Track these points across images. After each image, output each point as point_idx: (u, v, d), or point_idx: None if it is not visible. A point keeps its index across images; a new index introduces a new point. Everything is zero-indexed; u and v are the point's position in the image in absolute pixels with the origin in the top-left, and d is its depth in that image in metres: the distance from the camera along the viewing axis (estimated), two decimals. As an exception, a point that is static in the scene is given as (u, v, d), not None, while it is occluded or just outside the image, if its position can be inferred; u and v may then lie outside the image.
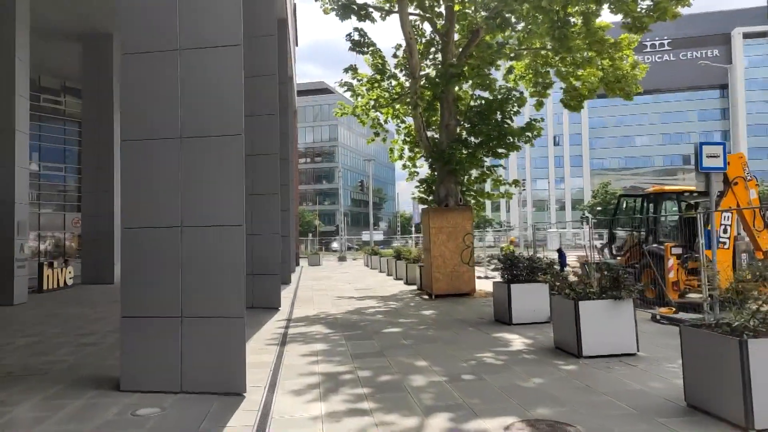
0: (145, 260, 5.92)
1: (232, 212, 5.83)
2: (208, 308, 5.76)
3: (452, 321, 10.26)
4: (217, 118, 5.91)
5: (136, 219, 5.95)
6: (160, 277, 5.86)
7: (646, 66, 15.52)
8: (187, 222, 5.86)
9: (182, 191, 5.88)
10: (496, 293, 10.01)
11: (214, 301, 5.76)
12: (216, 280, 5.78)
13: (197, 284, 5.80)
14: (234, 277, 5.74)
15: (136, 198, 5.99)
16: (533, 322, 9.40)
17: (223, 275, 5.76)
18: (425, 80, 14.22)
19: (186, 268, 5.82)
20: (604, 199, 64.29)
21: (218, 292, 5.76)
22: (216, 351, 5.72)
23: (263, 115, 13.09)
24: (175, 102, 5.94)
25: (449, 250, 14.11)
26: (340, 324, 10.29)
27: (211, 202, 5.87)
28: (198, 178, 5.89)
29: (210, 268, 5.80)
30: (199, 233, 5.85)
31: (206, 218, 5.86)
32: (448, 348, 7.73)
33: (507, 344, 7.89)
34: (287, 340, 8.81)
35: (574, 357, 6.85)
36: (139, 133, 6.00)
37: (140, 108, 6.05)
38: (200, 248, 5.84)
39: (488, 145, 13.93)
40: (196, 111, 5.94)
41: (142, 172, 6.00)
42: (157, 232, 5.91)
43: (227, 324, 5.71)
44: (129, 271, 5.96)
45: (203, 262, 5.82)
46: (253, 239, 12.98)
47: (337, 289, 17.72)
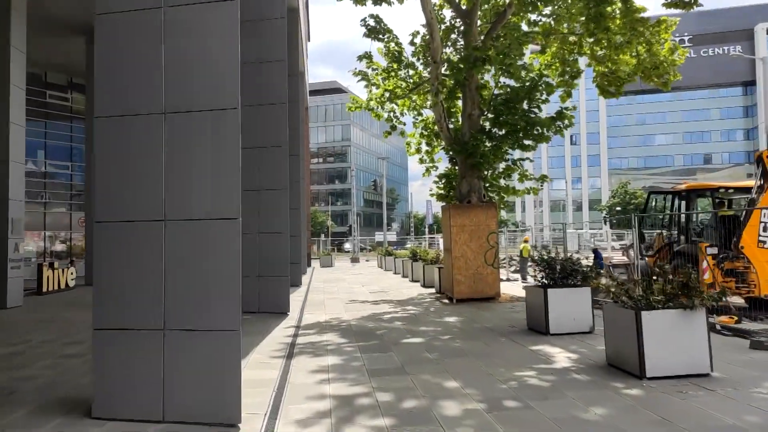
0: (120, 261, 4.91)
1: (227, 203, 4.80)
2: (197, 320, 4.74)
3: (480, 330, 9.16)
4: (208, 89, 4.89)
5: (110, 211, 4.95)
6: (139, 282, 4.85)
7: (685, 51, 14.26)
8: (171, 215, 4.85)
9: (166, 178, 4.87)
10: (530, 299, 8.89)
11: (204, 312, 4.73)
12: (207, 286, 4.76)
13: (184, 290, 4.78)
14: (228, 283, 4.72)
15: (111, 186, 4.99)
16: (573, 332, 8.28)
17: (215, 280, 4.74)
18: (447, 66, 13.12)
19: (170, 271, 4.80)
20: (624, 199, 62.56)
21: (209, 300, 4.74)
22: (206, 372, 4.69)
23: (271, 105, 12.13)
24: (157, 70, 4.93)
25: (472, 251, 13.00)
26: (355, 332, 9.25)
27: (200, 190, 4.85)
28: (185, 161, 4.88)
29: (199, 271, 4.78)
30: (186, 228, 4.83)
31: (195, 210, 4.84)
32: (481, 363, 6.64)
33: (549, 359, 6.77)
34: (295, 351, 7.79)
35: (635, 378, 5.72)
36: (115, 107, 5.00)
37: (116, 78, 5.04)
38: (188, 247, 4.82)
39: (515, 136, 12.79)
40: (183, 80, 4.93)
41: (118, 155, 5.00)
42: (136, 226, 4.90)
43: (220, 339, 4.68)
44: (102, 274, 4.96)
45: (191, 263, 4.80)
46: (261, 238, 12.02)
47: (351, 292, 16.68)
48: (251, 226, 12.06)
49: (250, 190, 12.12)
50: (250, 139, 12.17)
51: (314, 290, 17.43)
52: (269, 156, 12.10)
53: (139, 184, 4.92)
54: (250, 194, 12.11)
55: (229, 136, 4.81)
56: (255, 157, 12.11)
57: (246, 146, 12.44)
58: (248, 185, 12.14)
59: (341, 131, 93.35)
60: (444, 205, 14.05)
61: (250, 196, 12.12)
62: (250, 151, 12.16)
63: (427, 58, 15.46)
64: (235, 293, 4.70)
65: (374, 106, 16.67)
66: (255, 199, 12.10)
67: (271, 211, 12.05)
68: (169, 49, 4.94)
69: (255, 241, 12.06)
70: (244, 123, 12.18)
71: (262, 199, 12.10)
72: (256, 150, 12.11)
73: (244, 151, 12.28)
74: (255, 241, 12.07)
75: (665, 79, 14.71)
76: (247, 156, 12.19)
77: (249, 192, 12.12)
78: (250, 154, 12.15)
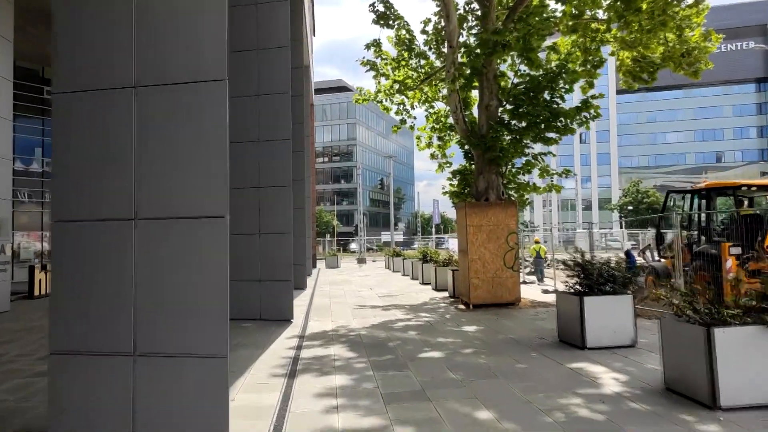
0: (82, 268, 4.00)
1: (211, 197, 3.87)
2: (175, 343, 3.82)
3: (505, 342, 8.18)
4: (188, 57, 3.96)
5: (70, 208, 4.04)
6: (104, 295, 3.93)
7: (719, 37, 13.21)
8: (143, 212, 3.93)
9: (137, 167, 3.95)
10: (563, 307, 7.91)
11: (183, 333, 3.81)
12: (187, 301, 3.83)
13: (158, 307, 3.86)
14: (214, 297, 3.79)
15: (70, 177, 4.07)
16: (613, 347, 7.29)
17: (197, 293, 3.81)
18: (463, 51, 12.13)
19: (142, 283, 3.88)
20: (635, 198, 61.25)
21: (190, 318, 3.81)
22: (185, 407, 3.77)
23: (272, 95, 11.21)
24: (126, 31, 4.01)
25: (490, 252, 12.03)
26: (365, 344, 8.31)
27: (179, 182, 3.93)
28: (160, 146, 3.96)
29: (178, 283, 3.86)
30: (160, 229, 3.91)
31: (172, 207, 3.92)
32: (514, 386, 5.68)
33: (594, 382, 5.80)
34: (298, 368, 6.85)
35: (706, 408, 4.75)
36: (76, 81, 4.08)
37: (76, 43, 4.12)
38: (163, 252, 3.90)
39: (536, 128, 11.80)
40: (158, 46, 4.00)
41: (80, 139, 4.08)
42: (100, 227, 3.99)
43: (203, 367, 3.76)
44: (59, 286, 4.05)
45: (167, 272, 3.88)
46: (262, 239, 11.12)
47: (358, 295, 15.74)
48: (252, 226, 11.18)
49: (250, 187, 11.23)
50: (250, 132, 11.30)
51: (320, 294, 16.51)
52: (271, 150, 11.19)
53: (103, 175, 4.00)
54: (250, 191, 11.23)
55: (214, 113, 3.88)
56: (255, 151, 11.21)
57: (246, 140, 11.60)
58: (248, 182, 11.26)
59: (347, 130, 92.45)
60: (459, 204, 13.08)
61: (250, 193, 11.23)
62: (249, 144, 11.28)
63: (440, 47, 14.51)
64: (222, 310, 3.77)
65: (383, 98, 15.73)
66: (255, 197, 11.20)
67: (273, 210, 11.15)
68: (140, 6, 4.01)
69: (256, 242, 11.16)
70: (243, 115, 11.30)
71: (263, 197, 11.20)
72: (257, 144, 11.21)
73: (243, 144, 11.41)
74: (256, 243, 11.17)
75: (696, 67, 13.67)
76: (246, 150, 11.30)
77: (249, 189, 11.24)
78: (249, 148, 11.26)
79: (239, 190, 11.42)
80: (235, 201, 11.54)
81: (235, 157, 11.57)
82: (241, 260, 11.23)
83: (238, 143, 11.45)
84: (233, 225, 11.46)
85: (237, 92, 11.47)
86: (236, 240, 11.34)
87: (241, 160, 11.40)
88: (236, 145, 11.48)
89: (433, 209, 79.59)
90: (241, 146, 11.39)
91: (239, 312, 11.11)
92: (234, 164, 11.66)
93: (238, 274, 11.30)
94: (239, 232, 11.31)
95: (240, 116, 11.48)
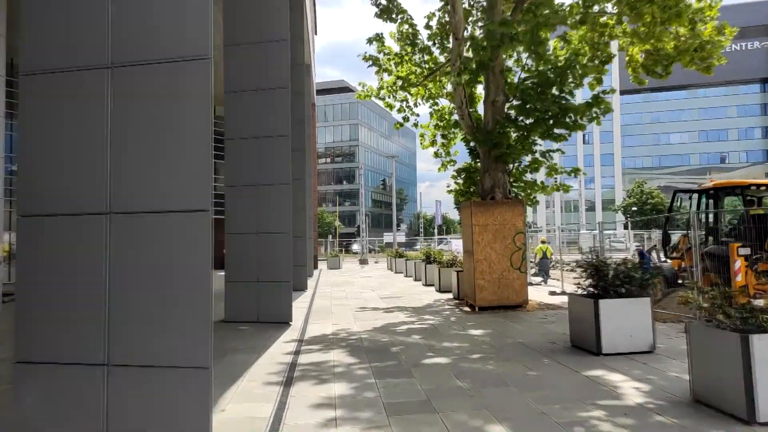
0: (50, 268, 3.59)
1: (193, 189, 3.47)
2: (152, 353, 3.41)
3: (514, 347, 7.75)
4: (168, 33, 3.55)
5: (37, 201, 3.63)
6: (73, 298, 3.52)
7: (734, 30, 12.76)
8: (117, 206, 3.53)
9: (111, 155, 3.54)
10: (576, 310, 7.49)
11: (161, 341, 3.40)
12: (166, 306, 3.42)
13: (134, 311, 3.45)
14: (196, 300, 3.38)
15: (38, 167, 3.66)
16: (630, 352, 6.86)
17: (177, 296, 3.40)
18: (469, 45, 11.70)
19: (116, 283, 3.47)
20: (640, 199, 60.69)
21: (169, 324, 3.40)
22: (162, 423, 3.36)
23: (271, 90, 10.81)
24: (100, 6, 3.60)
25: (496, 253, 11.60)
26: (366, 348, 7.89)
27: (157, 172, 3.52)
28: (137, 132, 3.55)
29: (155, 284, 3.45)
30: (137, 225, 3.51)
31: (149, 200, 3.52)
32: (527, 396, 5.25)
33: (615, 392, 5.36)
34: (295, 375, 6.44)
35: (741, 423, 4.32)
36: (44, 61, 3.68)
37: (47, 21, 3.72)
38: (139, 249, 3.49)
39: (544, 124, 11.36)
40: (135, 21, 3.60)
41: (48, 125, 3.67)
42: (69, 222, 3.58)
43: (183, 379, 3.35)
44: (25, 288, 3.64)
45: (144, 272, 3.47)
46: (260, 239, 10.71)
47: (360, 297, 15.32)
48: (249, 225, 10.78)
49: (248, 185, 10.84)
50: (247, 128, 10.90)
51: (320, 295, 16.10)
52: (269, 147, 10.78)
53: (74, 165, 3.59)
54: (247, 189, 10.83)
55: (198, 96, 3.47)
56: (253, 148, 10.81)
57: (243, 136, 11.21)
58: (246, 179, 10.86)
59: (349, 131, 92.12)
60: (464, 203, 12.65)
61: (248, 191, 10.84)
62: (247, 141, 10.88)
63: (444, 42, 14.10)
64: (205, 315, 3.36)
65: (385, 95, 15.31)
66: (253, 195, 10.80)
67: (272, 209, 10.74)
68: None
69: (254, 242, 10.75)
70: (241, 110, 10.90)
71: (261, 195, 10.79)
72: (255, 140, 10.81)
73: (241, 141, 11.02)
74: (254, 243, 10.76)
75: (708, 62, 13.22)
76: (244, 146, 10.91)
77: (247, 187, 10.85)
78: (247, 145, 10.87)
79: (237, 188, 11.03)
80: (232, 199, 11.17)
81: (232, 153, 11.20)
82: (239, 260, 10.84)
83: (235, 139, 11.07)
84: (230, 224, 11.07)
85: (234, 87, 11.09)
86: (234, 239, 10.95)
87: (239, 156, 11.01)
88: (233, 141, 11.11)
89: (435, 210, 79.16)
90: (239, 143, 11.00)
91: (236, 314, 10.72)
92: (231, 161, 11.28)
93: (235, 275, 10.91)
94: (237, 231, 10.92)
95: (237, 112, 11.10)
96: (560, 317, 10.37)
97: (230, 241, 10.97)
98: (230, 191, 11.15)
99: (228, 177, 11.24)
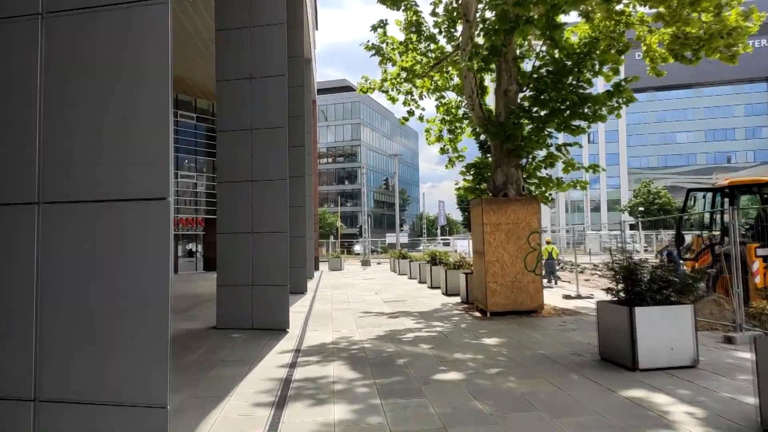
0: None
1: (148, 172, 2.66)
2: (94, 384, 2.60)
3: (535, 359, 6.93)
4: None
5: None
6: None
7: (762, 15, 11.93)
8: (52, 194, 2.73)
9: (42, 129, 2.74)
10: (606, 319, 6.66)
11: (105, 369, 2.60)
12: (109, 321, 2.62)
13: (71, 330, 2.65)
14: (150, 316, 2.58)
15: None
16: (671, 367, 6.04)
17: (125, 310, 2.60)
18: (480, 29, 10.89)
19: (47, 293, 2.67)
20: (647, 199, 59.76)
21: (116, 349, 2.60)
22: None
23: (267, 77, 10.03)
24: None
25: (509, 254, 10.79)
26: (370, 360, 7.09)
27: (101, 150, 2.72)
28: (77, 98, 2.75)
29: (97, 294, 2.65)
30: (76, 217, 2.71)
31: (92, 186, 2.71)
32: (561, 424, 4.43)
33: (664, 418, 4.54)
34: (290, 393, 5.64)
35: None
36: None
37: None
38: (78, 248, 2.69)
39: (561, 116, 10.55)
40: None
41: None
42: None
43: (133, 420, 2.54)
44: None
45: (83, 279, 2.67)
46: (255, 240, 9.93)
47: (362, 300, 14.52)
48: (244, 225, 10.00)
49: (243, 181, 10.06)
50: (241, 120, 10.12)
51: (321, 298, 15.30)
52: (265, 140, 10.00)
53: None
54: (241, 186, 10.05)
55: (154, 51, 2.66)
56: (247, 140, 10.03)
57: (236, 128, 10.41)
58: (240, 175, 10.08)
59: (351, 131, 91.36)
60: (474, 200, 11.84)
61: (241, 188, 10.06)
62: (241, 133, 10.10)
63: (451, 30, 13.29)
64: (162, 334, 2.56)
65: (389, 87, 14.53)
66: (248, 192, 10.02)
67: (268, 207, 9.95)
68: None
69: (248, 242, 9.97)
70: (234, 100, 10.07)
71: (256, 192, 10.01)
72: (249, 132, 10.02)
73: (234, 133, 10.19)
74: (248, 243, 9.97)
75: (733, 51, 12.40)
76: (237, 140, 10.13)
77: (241, 183, 10.07)
78: (241, 138, 10.09)
79: (229, 184, 10.25)
80: (225, 196, 10.38)
81: (224, 147, 10.42)
82: (232, 262, 10.06)
83: (227, 132, 10.29)
84: (223, 223, 10.29)
85: (227, 75, 10.31)
86: (226, 240, 10.17)
87: (232, 150, 10.23)
88: (225, 134, 10.34)
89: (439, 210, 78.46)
90: (232, 135, 10.22)
91: (229, 321, 9.94)
92: (223, 155, 10.50)
93: (228, 278, 10.13)
94: (229, 230, 10.14)
95: (230, 102, 10.33)
96: (580, 324, 9.56)
97: (223, 242, 10.19)
98: (223, 188, 10.38)
99: (220, 173, 10.47)
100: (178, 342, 8.72)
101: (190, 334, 9.52)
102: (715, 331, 8.39)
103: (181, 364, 7.06)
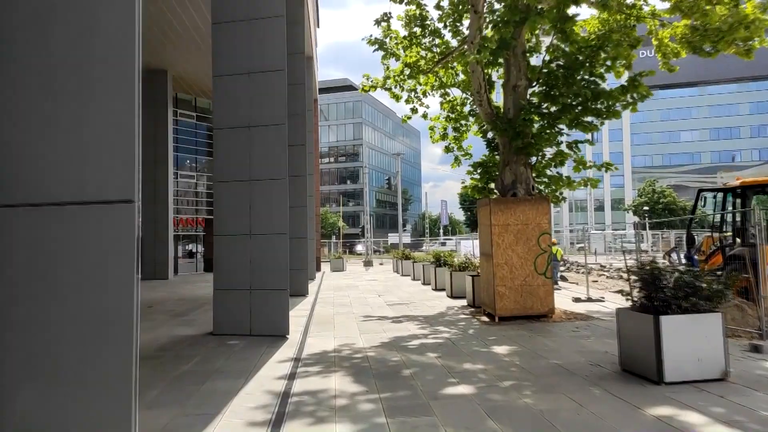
0: None
1: (111, 168, 2.23)
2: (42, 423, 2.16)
3: (551, 370, 6.48)
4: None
5: None
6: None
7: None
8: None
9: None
10: (628, 327, 6.21)
11: (57, 405, 2.16)
12: (63, 347, 2.18)
13: (16, 358, 2.21)
14: (112, 340, 2.14)
15: None
16: (699, 380, 5.60)
17: (81, 334, 2.17)
18: (488, 21, 10.45)
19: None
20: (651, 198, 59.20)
21: (66, 380, 2.17)
22: None
23: (265, 72, 9.60)
24: None
25: (518, 256, 10.34)
26: (374, 371, 6.65)
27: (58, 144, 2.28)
28: (29, 80, 2.32)
29: (47, 313, 2.21)
30: (19, 222, 2.27)
31: (45, 186, 2.27)
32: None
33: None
34: (288, 409, 5.21)
35: None
36: None
37: None
38: (23, 260, 2.25)
39: (572, 112, 10.09)
40: None
41: None
42: None
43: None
44: None
45: (30, 296, 2.23)
46: (254, 241, 9.51)
47: (365, 303, 14.09)
48: (241, 226, 9.57)
49: (240, 181, 9.63)
50: (239, 116, 9.70)
51: (322, 301, 14.87)
52: (264, 137, 9.58)
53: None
54: (239, 185, 9.63)
55: (117, 28, 2.23)
56: (245, 138, 9.61)
57: (234, 125, 9.99)
58: (237, 174, 9.66)
59: (353, 130, 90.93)
60: (481, 200, 11.38)
61: (239, 187, 9.64)
62: (238, 131, 9.68)
63: (456, 24, 12.84)
64: (127, 364, 2.12)
65: (392, 84, 14.09)
66: (246, 192, 9.60)
67: (267, 208, 9.53)
68: None
69: (246, 244, 9.55)
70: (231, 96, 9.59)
71: (254, 192, 9.59)
72: (247, 130, 9.60)
73: (231, 131, 9.75)
74: (246, 245, 9.55)
75: (749, 45, 11.93)
76: (234, 137, 9.71)
77: (238, 183, 9.64)
78: (238, 135, 9.67)
79: (226, 184, 9.83)
80: (221, 196, 9.96)
81: (220, 145, 10.00)
82: (229, 265, 9.64)
83: (224, 129, 9.87)
84: (219, 224, 9.87)
85: (224, 70, 9.89)
86: (223, 242, 9.74)
87: (229, 149, 9.81)
88: (222, 131, 9.91)
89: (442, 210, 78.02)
90: (229, 133, 9.80)
91: (226, 326, 9.51)
92: (220, 154, 10.08)
93: (225, 282, 9.70)
94: (227, 232, 9.72)
95: (228, 98, 9.90)
96: (594, 330, 9.12)
97: (220, 244, 9.77)
98: (219, 188, 9.95)
99: (217, 171, 10.04)
100: (172, 350, 8.31)
101: (185, 341, 9.10)
102: (738, 338, 7.94)
103: (172, 376, 6.63)
